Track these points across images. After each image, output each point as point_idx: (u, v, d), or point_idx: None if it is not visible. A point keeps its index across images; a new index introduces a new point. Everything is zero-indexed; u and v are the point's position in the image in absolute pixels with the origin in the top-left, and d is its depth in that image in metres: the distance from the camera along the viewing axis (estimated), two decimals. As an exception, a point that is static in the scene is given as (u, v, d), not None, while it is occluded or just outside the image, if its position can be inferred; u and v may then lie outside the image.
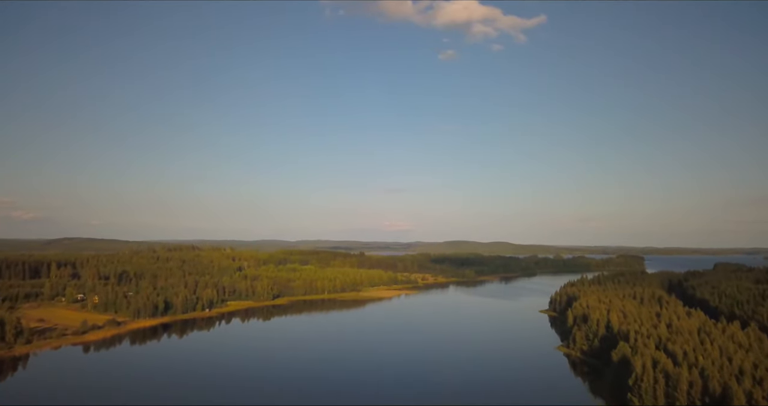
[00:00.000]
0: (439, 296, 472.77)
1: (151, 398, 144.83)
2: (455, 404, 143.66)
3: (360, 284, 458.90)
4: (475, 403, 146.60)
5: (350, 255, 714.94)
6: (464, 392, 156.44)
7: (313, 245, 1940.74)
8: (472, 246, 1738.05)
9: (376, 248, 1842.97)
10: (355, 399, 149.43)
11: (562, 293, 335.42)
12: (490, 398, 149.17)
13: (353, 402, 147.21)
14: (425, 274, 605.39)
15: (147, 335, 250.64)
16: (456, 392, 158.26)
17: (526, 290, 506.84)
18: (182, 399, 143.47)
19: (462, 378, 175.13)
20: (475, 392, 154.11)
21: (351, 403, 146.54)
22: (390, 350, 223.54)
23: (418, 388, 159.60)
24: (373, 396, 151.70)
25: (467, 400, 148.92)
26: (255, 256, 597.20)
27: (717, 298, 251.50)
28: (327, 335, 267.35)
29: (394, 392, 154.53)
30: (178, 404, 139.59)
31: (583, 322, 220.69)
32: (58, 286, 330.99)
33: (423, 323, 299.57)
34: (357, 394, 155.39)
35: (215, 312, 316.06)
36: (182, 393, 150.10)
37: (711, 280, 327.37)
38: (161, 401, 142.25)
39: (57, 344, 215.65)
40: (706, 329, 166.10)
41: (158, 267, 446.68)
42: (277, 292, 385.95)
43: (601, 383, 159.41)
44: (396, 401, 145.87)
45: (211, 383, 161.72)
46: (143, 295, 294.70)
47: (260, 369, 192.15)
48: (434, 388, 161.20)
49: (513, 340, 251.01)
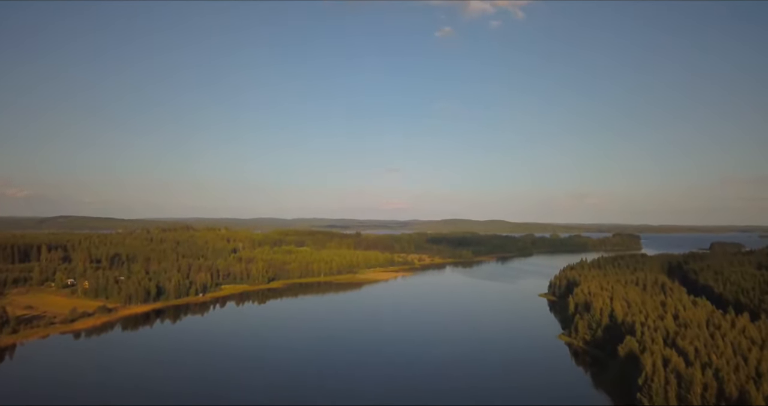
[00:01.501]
0: (435, 277, 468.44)
1: (144, 393, 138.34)
2: (455, 404, 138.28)
3: (356, 265, 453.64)
4: (476, 396, 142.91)
5: (346, 236, 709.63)
6: (464, 384, 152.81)
7: (309, 223, 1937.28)
8: (468, 225, 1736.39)
9: (373, 226, 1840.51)
10: (351, 382, 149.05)
11: (562, 277, 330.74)
12: (494, 396, 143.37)
13: (350, 386, 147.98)
14: (422, 254, 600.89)
15: (139, 322, 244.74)
16: (455, 381, 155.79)
17: (523, 272, 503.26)
18: (177, 394, 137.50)
19: (461, 370, 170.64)
20: (475, 388, 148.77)
21: (347, 387, 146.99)
22: (379, 344, 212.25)
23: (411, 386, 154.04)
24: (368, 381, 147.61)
25: (467, 391, 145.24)
26: (250, 237, 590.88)
27: (721, 285, 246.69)
28: (323, 319, 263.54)
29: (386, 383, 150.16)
30: (174, 399, 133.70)
31: (585, 310, 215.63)
32: (47, 270, 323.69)
33: (418, 310, 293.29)
34: (352, 378, 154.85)
35: (209, 297, 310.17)
36: (177, 389, 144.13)
37: (713, 264, 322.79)
38: (155, 396, 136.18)
39: (45, 333, 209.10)
40: (715, 322, 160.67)
41: (151, 249, 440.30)
42: (272, 275, 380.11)
43: (606, 377, 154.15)
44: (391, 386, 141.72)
45: (207, 376, 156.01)
46: (135, 280, 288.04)
47: (257, 354, 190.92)
48: (431, 379, 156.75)
49: (512, 327, 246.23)
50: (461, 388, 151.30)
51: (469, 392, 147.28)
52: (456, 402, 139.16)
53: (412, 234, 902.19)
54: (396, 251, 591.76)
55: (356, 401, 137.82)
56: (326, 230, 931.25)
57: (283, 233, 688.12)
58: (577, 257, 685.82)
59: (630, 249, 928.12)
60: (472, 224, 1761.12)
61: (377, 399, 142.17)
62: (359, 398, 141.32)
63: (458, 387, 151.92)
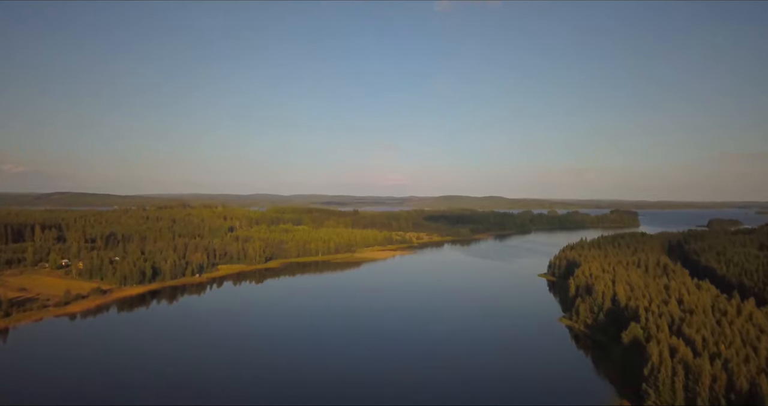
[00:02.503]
0: (433, 256, 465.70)
1: (139, 384, 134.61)
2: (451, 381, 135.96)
3: (354, 244, 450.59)
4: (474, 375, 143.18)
5: (344, 213, 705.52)
6: (463, 372, 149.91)
7: (307, 199, 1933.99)
8: (466, 201, 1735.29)
9: (371, 202, 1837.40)
10: (349, 360, 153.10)
11: (561, 257, 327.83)
12: (495, 384, 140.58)
13: (348, 364, 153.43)
14: (420, 233, 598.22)
15: (134, 304, 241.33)
16: (452, 359, 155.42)
17: (522, 250, 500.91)
18: (173, 387, 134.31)
19: (459, 350, 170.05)
20: (476, 378, 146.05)
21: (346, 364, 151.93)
22: (377, 325, 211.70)
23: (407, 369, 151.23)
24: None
25: (467, 378, 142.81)
26: (247, 215, 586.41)
27: (724, 266, 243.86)
28: (321, 298, 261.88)
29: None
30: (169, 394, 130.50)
31: (587, 293, 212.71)
32: (41, 250, 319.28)
33: (416, 291, 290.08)
34: (351, 356, 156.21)
35: (206, 277, 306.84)
36: (174, 380, 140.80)
37: (714, 244, 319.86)
38: (150, 388, 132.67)
39: (38, 317, 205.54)
40: (721, 307, 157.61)
41: (147, 228, 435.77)
42: (269, 254, 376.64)
43: (610, 364, 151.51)
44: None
45: (205, 367, 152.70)
46: (130, 260, 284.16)
47: (256, 333, 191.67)
48: (429, 365, 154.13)
49: (512, 309, 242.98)
50: (459, 366, 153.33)
51: (467, 371, 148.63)
52: (453, 380, 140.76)
53: (410, 211, 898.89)
54: (394, 229, 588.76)
55: (354, 379, 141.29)
56: (324, 208, 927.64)
57: (281, 211, 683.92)
58: (575, 234, 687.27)
59: (628, 226, 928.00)
60: (469, 200, 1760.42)
61: (376, 376, 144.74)
62: (357, 375, 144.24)
63: (456, 365, 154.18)
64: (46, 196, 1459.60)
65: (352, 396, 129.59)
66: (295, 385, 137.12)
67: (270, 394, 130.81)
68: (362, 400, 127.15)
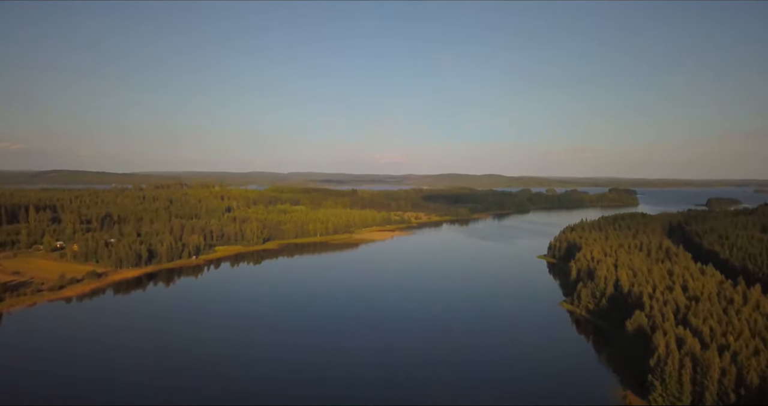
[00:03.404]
0: (432, 237, 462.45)
1: (135, 374, 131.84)
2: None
3: (353, 225, 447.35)
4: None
5: (342, 193, 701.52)
6: (464, 353, 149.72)
7: (305, 177, 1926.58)
8: (464, 179, 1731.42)
9: (369, 181, 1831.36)
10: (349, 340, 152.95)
11: (562, 239, 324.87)
12: (496, 369, 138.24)
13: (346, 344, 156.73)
14: (418, 213, 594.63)
15: (130, 287, 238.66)
16: (454, 349, 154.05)
17: (521, 231, 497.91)
18: (171, 377, 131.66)
19: (460, 336, 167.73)
20: (477, 360, 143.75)
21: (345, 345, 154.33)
22: (374, 305, 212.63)
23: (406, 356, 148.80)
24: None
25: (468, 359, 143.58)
26: (244, 195, 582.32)
27: (727, 250, 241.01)
28: (318, 279, 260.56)
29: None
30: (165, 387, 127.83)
31: (588, 277, 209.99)
32: (36, 232, 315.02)
33: (413, 273, 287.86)
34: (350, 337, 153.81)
35: (202, 259, 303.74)
36: (172, 371, 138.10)
37: (716, 226, 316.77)
38: (146, 379, 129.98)
39: (32, 301, 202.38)
40: (727, 295, 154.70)
41: (144, 208, 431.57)
42: (267, 235, 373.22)
43: (612, 352, 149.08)
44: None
45: (205, 353, 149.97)
46: (126, 243, 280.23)
47: (255, 314, 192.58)
48: (428, 346, 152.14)
49: (512, 292, 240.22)
50: (459, 347, 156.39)
51: (467, 352, 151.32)
52: (453, 360, 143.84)
53: (408, 191, 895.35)
54: (392, 209, 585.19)
55: (353, 359, 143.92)
56: (322, 187, 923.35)
57: (279, 190, 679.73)
58: (574, 214, 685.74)
59: (627, 205, 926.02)
60: (468, 179, 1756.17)
61: (375, 355, 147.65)
62: (356, 355, 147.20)
63: (456, 346, 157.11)
64: (44, 174, 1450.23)
65: (353, 376, 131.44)
66: (294, 365, 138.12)
67: (270, 374, 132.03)
68: (362, 379, 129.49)
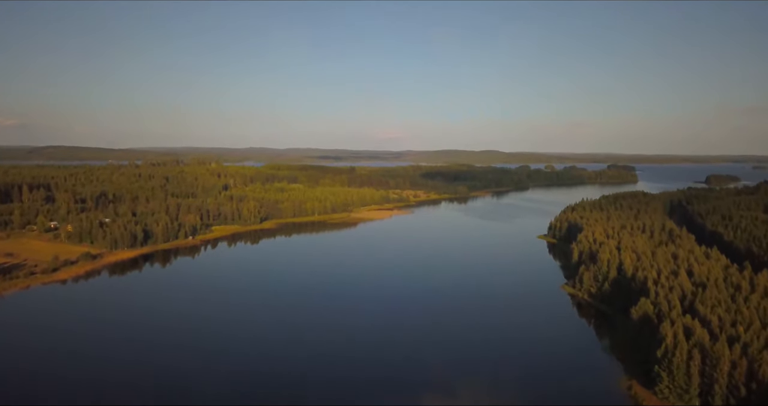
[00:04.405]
0: (430, 216, 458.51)
1: (133, 364, 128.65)
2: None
3: (351, 204, 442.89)
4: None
5: (340, 170, 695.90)
6: (465, 335, 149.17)
7: (302, 153, 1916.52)
8: (463, 155, 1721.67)
9: (366, 157, 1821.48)
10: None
11: (562, 219, 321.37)
12: (501, 359, 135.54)
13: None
14: (417, 191, 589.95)
15: (126, 269, 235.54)
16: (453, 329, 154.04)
17: (520, 210, 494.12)
18: (169, 367, 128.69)
19: (462, 317, 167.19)
20: (480, 339, 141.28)
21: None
22: (373, 285, 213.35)
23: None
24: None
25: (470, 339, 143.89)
26: (241, 172, 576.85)
27: (731, 232, 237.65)
28: (316, 260, 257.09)
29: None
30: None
31: (591, 260, 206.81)
32: (29, 212, 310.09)
33: (413, 253, 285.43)
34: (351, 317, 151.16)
35: (199, 239, 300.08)
36: (169, 360, 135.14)
37: (718, 207, 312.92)
38: (144, 370, 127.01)
39: (25, 285, 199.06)
40: (733, 281, 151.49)
41: (139, 186, 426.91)
42: (264, 214, 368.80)
43: (616, 339, 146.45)
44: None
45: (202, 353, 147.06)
46: (121, 223, 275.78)
47: (253, 294, 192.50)
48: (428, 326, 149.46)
49: (512, 274, 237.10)
50: (462, 328, 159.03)
51: (468, 334, 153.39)
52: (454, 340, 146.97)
53: (407, 168, 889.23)
54: (391, 187, 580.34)
55: (351, 337, 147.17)
56: (319, 165, 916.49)
57: (276, 168, 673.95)
58: (573, 191, 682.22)
59: (626, 182, 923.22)
60: (466, 155, 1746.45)
61: (373, 335, 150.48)
62: (353, 335, 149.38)
63: (458, 326, 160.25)
64: (39, 149, 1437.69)
65: (351, 357, 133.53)
66: (294, 344, 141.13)
67: (270, 353, 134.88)
68: (362, 359, 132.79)
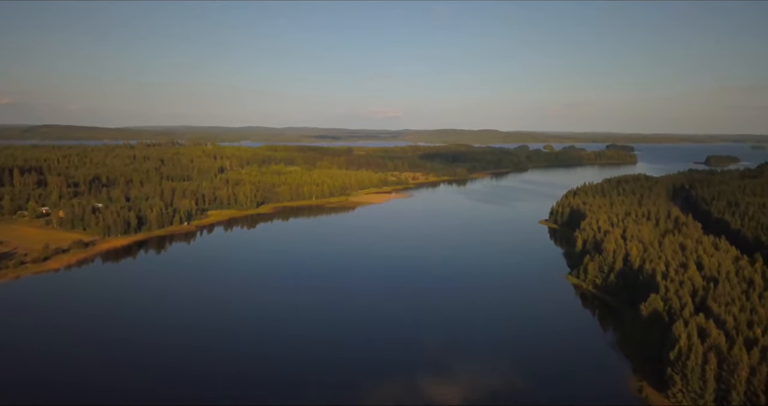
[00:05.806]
0: (429, 199, 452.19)
1: (125, 363, 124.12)
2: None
3: (349, 187, 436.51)
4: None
5: (338, 152, 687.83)
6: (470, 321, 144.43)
7: (299, 132, 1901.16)
8: (461, 135, 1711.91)
9: (364, 136, 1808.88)
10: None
11: (564, 204, 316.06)
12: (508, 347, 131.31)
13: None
14: (416, 173, 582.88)
15: (119, 256, 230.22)
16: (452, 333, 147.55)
17: (520, 192, 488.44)
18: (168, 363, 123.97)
19: (467, 304, 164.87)
20: (486, 327, 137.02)
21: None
22: (372, 268, 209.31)
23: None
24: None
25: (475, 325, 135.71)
26: (238, 154, 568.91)
27: (738, 220, 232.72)
28: (315, 244, 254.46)
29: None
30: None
31: (595, 250, 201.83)
32: (20, 197, 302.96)
33: (411, 238, 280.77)
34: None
35: (194, 225, 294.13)
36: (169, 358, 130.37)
37: (723, 192, 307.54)
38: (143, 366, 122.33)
39: (15, 275, 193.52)
40: (746, 274, 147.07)
41: (134, 169, 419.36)
42: (261, 199, 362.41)
43: (624, 335, 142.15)
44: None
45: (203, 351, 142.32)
46: (114, 210, 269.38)
47: (252, 277, 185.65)
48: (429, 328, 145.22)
49: (513, 262, 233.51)
50: (468, 316, 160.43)
51: (473, 320, 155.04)
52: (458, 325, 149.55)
53: (405, 148, 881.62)
54: (389, 169, 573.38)
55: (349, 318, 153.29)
56: (317, 145, 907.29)
57: (273, 149, 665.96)
58: (573, 172, 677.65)
59: (625, 162, 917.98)
60: (464, 134, 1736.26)
61: (370, 319, 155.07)
62: (351, 317, 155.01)
63: (464, 315, 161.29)
64: (35, 128, 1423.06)
65: (349, 335, 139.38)
66: (296, 327, 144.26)
67: (269, 353, 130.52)
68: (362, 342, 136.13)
